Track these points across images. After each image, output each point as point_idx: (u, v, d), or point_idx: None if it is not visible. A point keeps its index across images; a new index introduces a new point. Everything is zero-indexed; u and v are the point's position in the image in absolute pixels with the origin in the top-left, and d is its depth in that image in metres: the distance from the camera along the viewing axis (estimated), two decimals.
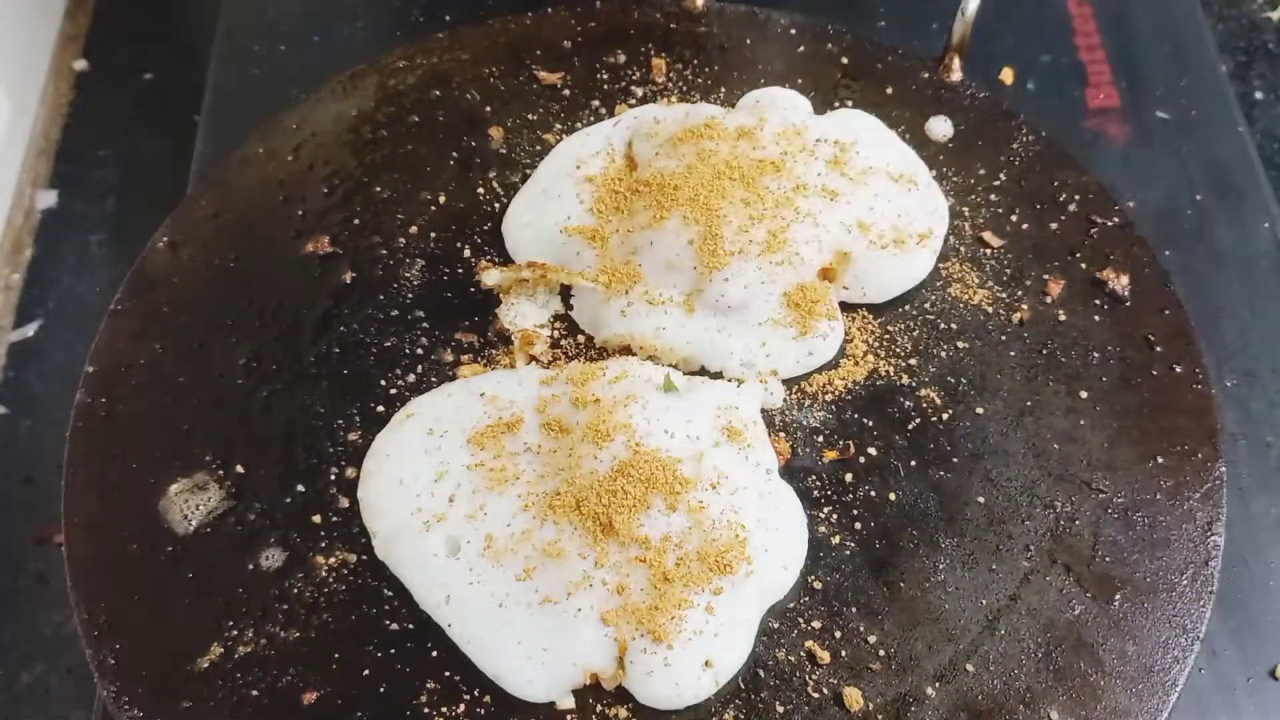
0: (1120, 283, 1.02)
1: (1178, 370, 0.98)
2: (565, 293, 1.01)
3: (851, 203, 1.01)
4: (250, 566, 0.88)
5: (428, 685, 0.83)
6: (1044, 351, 0.99)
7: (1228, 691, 0.96)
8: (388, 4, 1.43)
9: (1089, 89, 1.33)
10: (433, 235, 1.05)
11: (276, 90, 1.23)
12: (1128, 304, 1.02)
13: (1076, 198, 1.07)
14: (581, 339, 0.99)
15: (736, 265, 0.96)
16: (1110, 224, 1.06)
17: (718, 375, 0.97)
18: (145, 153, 1.35)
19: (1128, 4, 1.40)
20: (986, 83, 1.10)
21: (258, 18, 1.40)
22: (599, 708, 0.83)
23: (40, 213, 1.30)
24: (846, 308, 1.01)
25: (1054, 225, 1.06)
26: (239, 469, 0.92)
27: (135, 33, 1.45)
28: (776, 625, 0.86)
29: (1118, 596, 0.87)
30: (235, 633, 0.85)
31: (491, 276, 1.00)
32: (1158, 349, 0.99)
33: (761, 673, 0.84)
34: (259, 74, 1.34)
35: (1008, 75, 1.28)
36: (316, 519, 0.90)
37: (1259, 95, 1.37)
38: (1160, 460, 0.94)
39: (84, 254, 1.27)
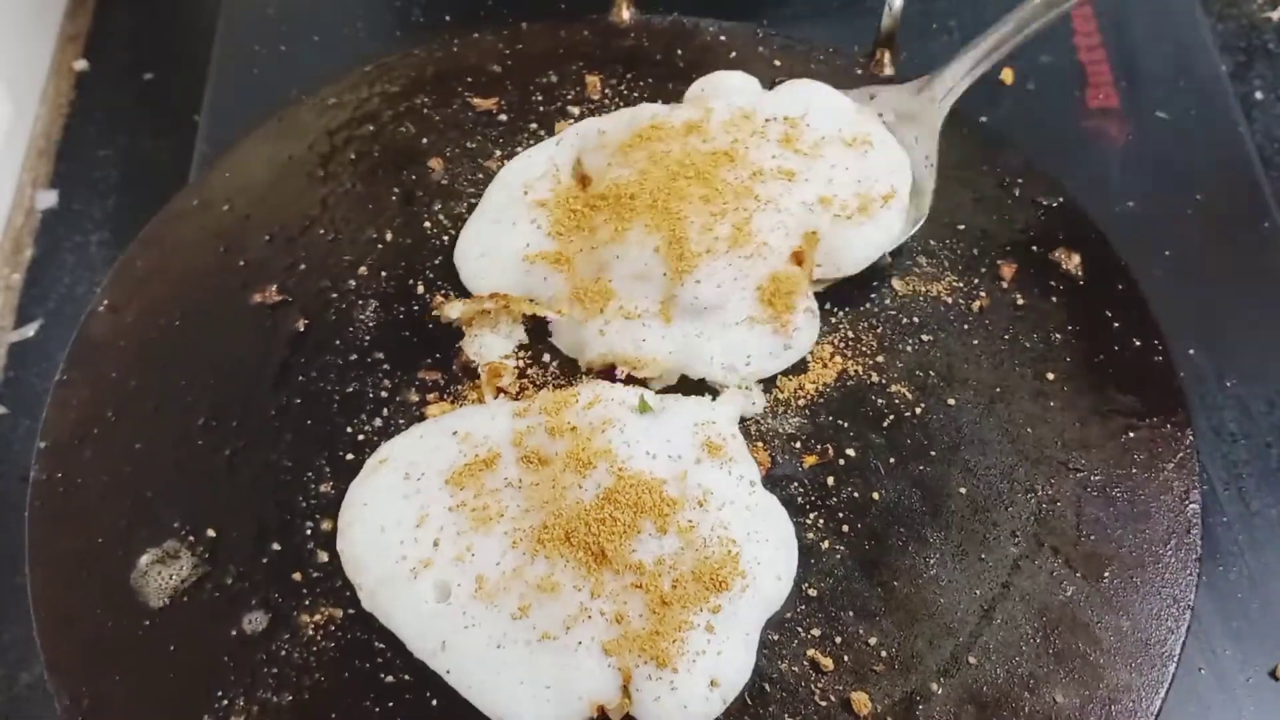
0: (1072, 262, 1.03)
1: (1137, 343, 1.00)
2: (528, 321, 0.99)
3: (810, 179, 1.00)
4: (233, 632, 0.85)
5: None
6: (1006, 337, 1.00)
7: (1228, 691, 0.96)
8: (388, 4, 1.43)
9: (1089, 89, 1.33)
10: (383, 274, 1.03)
11: (276, 90, 1.23)
12: (1081, 282, 1.03)
13: (1020, 181, 1.09)
14: (549, 367, 0.98)
15: (706, 265, 0.95)
16: (1055, 204, 1.07)
17: (700, 383, 0.96)
18: (145, 153, 1.34)
19: (1128, 4, 1.40)
20: (986, 82, 1.10)
21: (258, 18, 1.40)
22: None
23: (40, 213, 1.29)
24: None
25: (1000, 210, 1.07)
26: (210, 533, 0.89)
27: (135, 33, 1.45)
28: (776, 637, 0.86)
29: (1106, 573, 0.88)
30: (225, 702, 0.82)
31: (454, 309, 0.98)
32: (1115, 324, 1.01)
33: (767, 686, 0.84)
34: (259, 74, 1.34)
35: (1008, 75, 1.28)
36: (297, 576, 0.88)
37: (1259, 95, 1.37)
38: (1132, 434, 0.95)
39: (84, 254, 1.26)
